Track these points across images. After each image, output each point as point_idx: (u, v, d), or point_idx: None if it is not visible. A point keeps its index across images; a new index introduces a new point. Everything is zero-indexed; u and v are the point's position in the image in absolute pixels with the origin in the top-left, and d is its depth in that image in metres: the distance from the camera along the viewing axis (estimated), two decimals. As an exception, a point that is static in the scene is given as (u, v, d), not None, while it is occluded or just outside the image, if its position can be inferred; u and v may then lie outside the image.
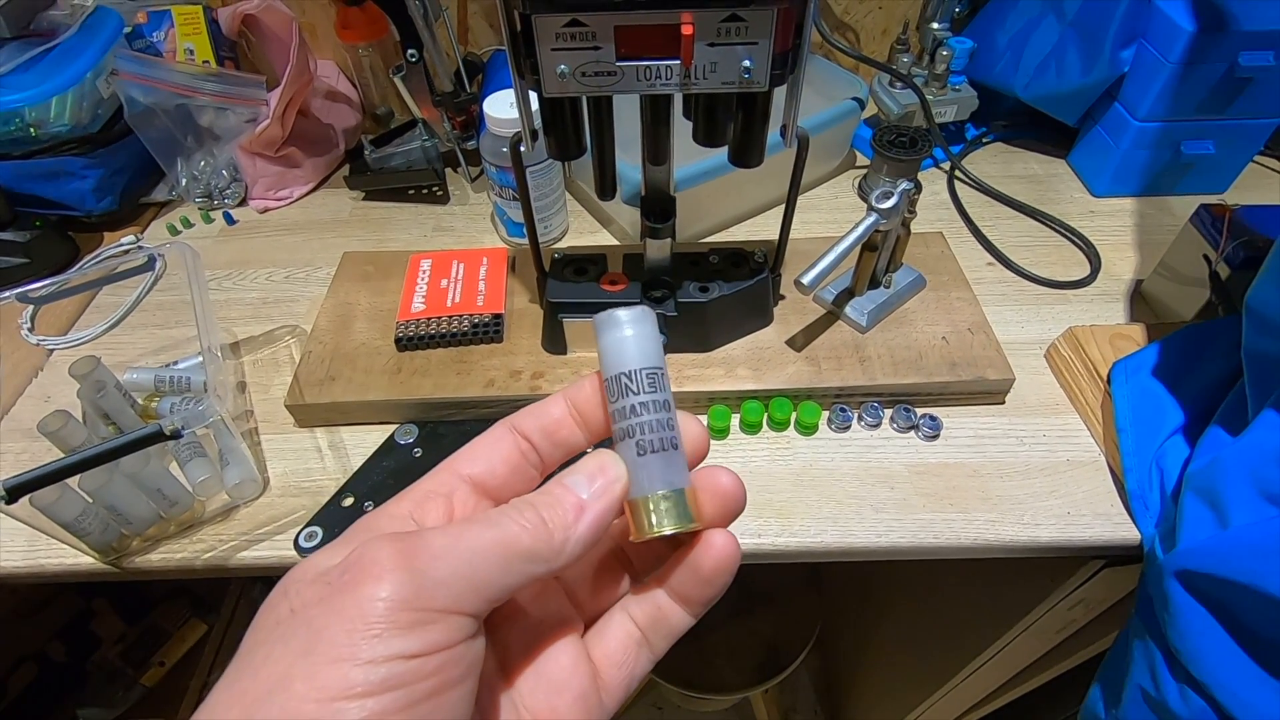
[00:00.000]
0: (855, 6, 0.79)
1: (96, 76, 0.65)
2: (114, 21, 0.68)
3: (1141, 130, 0.65)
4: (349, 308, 0.57)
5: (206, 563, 0.46)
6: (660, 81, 0.38)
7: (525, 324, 0.55)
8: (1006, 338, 0.56)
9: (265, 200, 0.72)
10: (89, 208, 0.68)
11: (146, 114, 0.67)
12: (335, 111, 0.78)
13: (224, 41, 0.73)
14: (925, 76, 0.71)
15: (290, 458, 0.51)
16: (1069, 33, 0.66)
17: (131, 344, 0.59)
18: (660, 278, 0.52)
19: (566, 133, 0.42)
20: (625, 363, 0.21)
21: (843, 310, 0.55)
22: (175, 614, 0.76)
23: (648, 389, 0.20)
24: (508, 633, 0.22)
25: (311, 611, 0.17)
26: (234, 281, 0.65)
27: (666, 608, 0.22)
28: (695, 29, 0.35)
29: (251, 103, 0.67)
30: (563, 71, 0.37)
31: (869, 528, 0.46)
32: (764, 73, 0.37)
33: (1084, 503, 0.47)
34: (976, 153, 0.77)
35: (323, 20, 0.78)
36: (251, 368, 0.57)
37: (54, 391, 0.54)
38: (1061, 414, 0.53)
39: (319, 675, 0.15)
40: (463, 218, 0.71)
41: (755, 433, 0.52)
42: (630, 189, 0.58)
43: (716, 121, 0.41)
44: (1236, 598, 0.38)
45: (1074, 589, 0.55)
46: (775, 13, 0.35)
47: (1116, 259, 0.64)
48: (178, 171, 0.71)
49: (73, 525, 0.42)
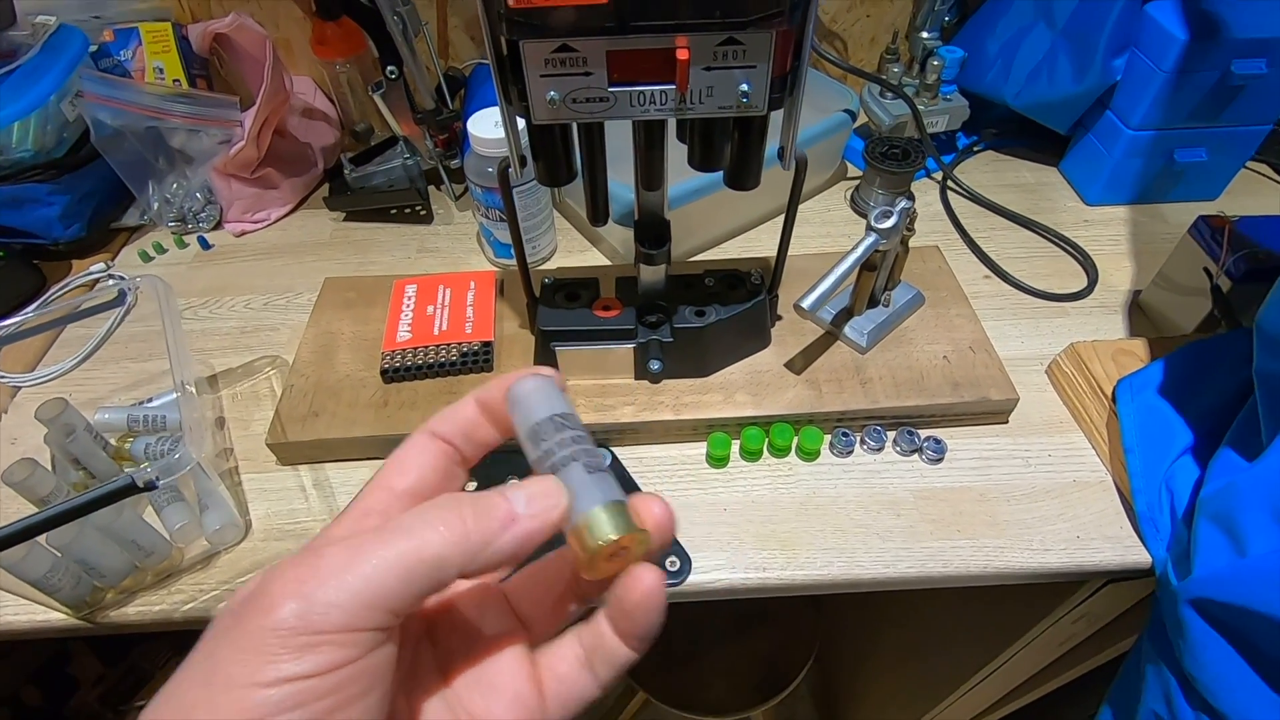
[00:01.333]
0: (843, 15, 0.78)
1: (61, 99, 0.62)
2: (78, 41, 0.65)
3: (1134, 138, 0.64)
4: (332, 337, 0.55)
5: (185, 614, 0.43)
6: (655, 107, 0.36)
7: (516, 350, 0.54)
8: (1007, 354, 0.55)
9: (242, 223, 0.70)
10: (55, 235, 0.65)
11: (115, 137, 0.64)
12: (313, 129, 0.75)
13: (195, 60, 0.70)
14: (916, 86, 0.70)
15: (273, 498, 0.49)
16: (1060, 41, 0.65)
17: (102, 379, 0.57)
18: (655, 302, 0.50)
19: (557, 158, 0.41)
20: (554, 406, 0.23)
21: (842, 330, 0.53)
22: (157, 653, 0.73)
23: (575, 426, 0.23)
24: (450, 638, 0.23)
25: (215, 643, 0.18)
26: (210, 310, 0.63)
27: (608, 638, 0.22)
28: (691, 53, 0.34)
29: (225, 124, 0.65)
30: (553, 98, 0.35)
31: (876, 558, 0.45)
32: (762, 96, 0.36)
33: (1093, 526, 0.46)
34: (968, 162, 0.76)
35: (298, 35, 0.76)
36: (230, 402, 0.55)
37: (20, 434, 0.51)
38: (1066, 432, 0.52)
39: (218, 703, 0.16)
40: (448, 238, 0.69)
41: (756, 460, 0.50)
42: (621, 208, 0.57)
43: (713, 146, 0.40)
44: (1255, 627, 0.37)
45: (1077, 604, 0.54)
46: (774, 35, 0.33)
47: (1112, 269, 0.63)
48: (149, 195, 0.68)
49: (41, 582, 0.39)
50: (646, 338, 0.49)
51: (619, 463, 0.50)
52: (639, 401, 0.50)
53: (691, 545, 0.46)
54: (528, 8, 0.32)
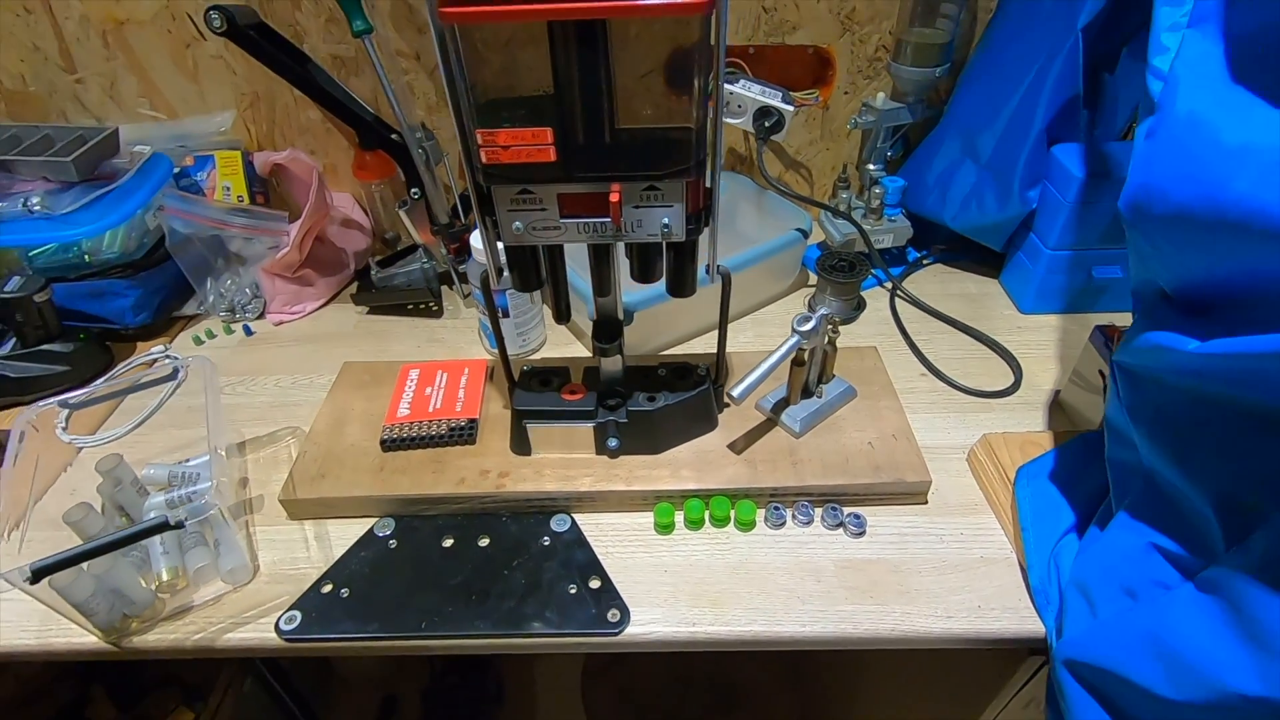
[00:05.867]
0: (806, 148, 0.90)
1: (146, 212, 0.76)
2: (165, 165, 0.80)
3: (1053, 257, 0.73)
4: (345, 412, 0.65)
5: (196, 644, 0.51)
6: (597, 234, 0.46)
7: (498, 428, 0.62)
8: (934, 442, 0.62)
9: (281, 314, 0.82)
10: (127, 322, 0.77)
11: (185, 242, 0.77)
12: (349, 236, 0.88)
13: (256, 179, 0.85)
14: (864, 209, 0.80)
15: (280, 547, 0.57)
16: (984, 174, 0.75)
17: (151, 442, 0.66)
18: (614, 388, 0.59)
19: (527, 269, 0.51)
20: None
21: (779, 417, 0.61)
22: (166, 701, 0.79)
23: None
24: None
25: None
26: (246, 386, 0.73)
27: None
28: (621, 196, 0.44)
29: (274, 233, 0.78)
30: (517, 227, 0.46)
31: (795, 618, 0.51)
32: (680, 228, 0.46)
33: (994, 597, 0.51)
34: (920, 272, 0.85)
35: (343, 161, 0.90)
36: (254, 465, 0.64)
37: (79, 485, 0.60)
38: (979, 514, 0.58)
39: None
40: (453, 330, 0.80)
41: (698, 529, 0.57)
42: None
43: (648, 262, 0.49)
44: (1109, 683, 0.42)
45: (1021, 686, 0.58)
46: (685, 184, 0.44)
47: (1039, 370, 0.71)
48: (207, 290, 0.81)
49: (82, 606, 0.47)
50: (605, 418, 0.58)
51: (576, 527, 0.57)
52: (597, 474, 0.58)
53: (632, 600, 0.52)
54: (497, 163, 0.43)
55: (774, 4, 0.79)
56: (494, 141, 0.42)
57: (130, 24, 0.80)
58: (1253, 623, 0.34)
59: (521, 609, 0.51)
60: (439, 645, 0.51)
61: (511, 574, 0.54)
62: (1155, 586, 0.40)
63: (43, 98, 0.86)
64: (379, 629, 0.51)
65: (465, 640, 0.50)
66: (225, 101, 0.85)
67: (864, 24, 0.81)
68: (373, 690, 1.19)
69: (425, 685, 1.18)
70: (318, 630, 0.51)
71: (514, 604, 0.52)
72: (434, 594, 0.52)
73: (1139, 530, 0.41)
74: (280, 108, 0.86)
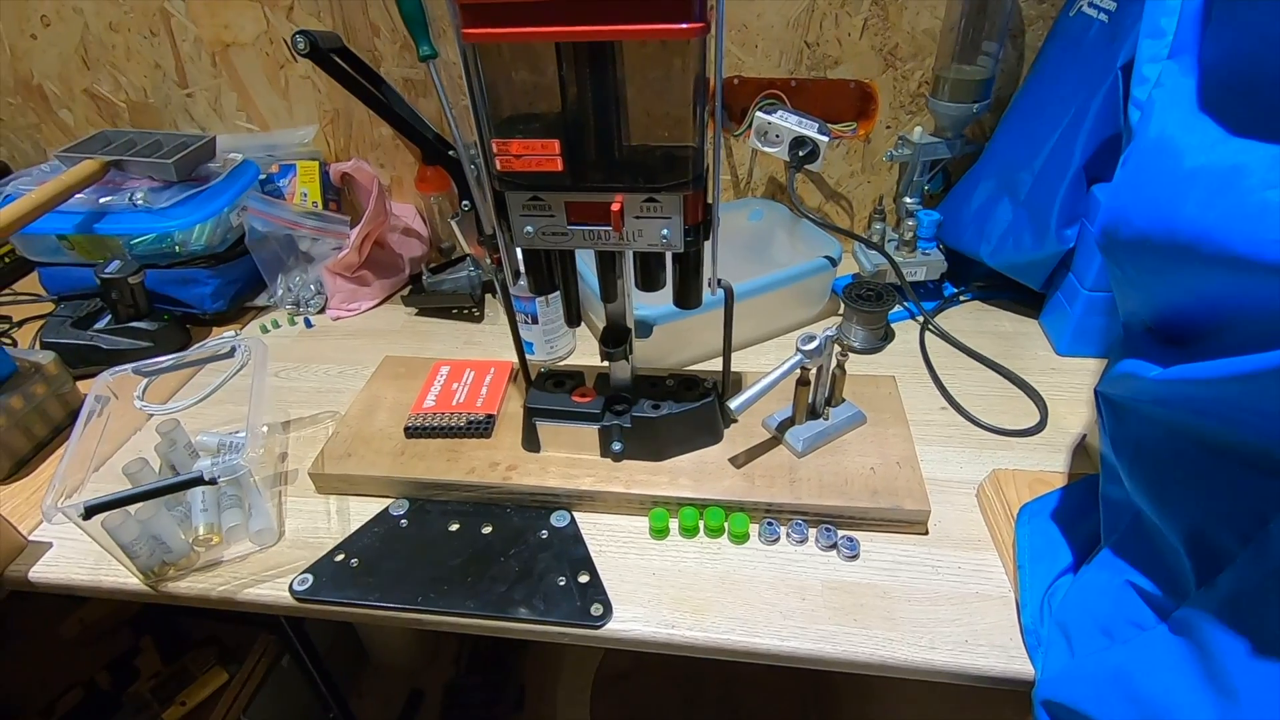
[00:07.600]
0: (847, 180, 0.91)
1: (231, 211, 0.84)
2: (252, 171, 0.89)
3: (1090, 298, 0.71)
4: (378, 400, 0.70)
5: (220, 594, 0.56)
6: (601, 242, 0.49)
7: (514, 425, 0.66)
8: (945, 475, 0.61)
9: (339, 310, 0.89)
10: (205, 308, 0.86)
11: (262, 240, 0.86)
12: (408, 244, 0.95)
13: (330, 187, 0.93)
14: (897, 241, 0.81)
15: (305, 517, 0.62)
16: (1021, 211, 0.74)
17: (211, 415, 0.73)
18: (621, 394, 0.61)
19: (541, 274, 0.54)
20: None
21: (783, 436, 0.62)
22: (204, 659, 0.86)
23: None
24: None
25: None
26: (299, 372, 0.80)
27: None
28: (623, 206, 0.47)
29: (339, 235, 0.85)
30: (529, 231, 0.50)
31: (774, 632, 0.51)
32: (679, 239, 0.48)
33: (984, 633, 0.50)
34: (956, 308, 0.84)
35: (408, 174, 0.98)
36: (294, 442, 0.70)
37: (144, 446, 0.68)
38: (981, 550, 0.56)
39: None
40: (490, 335, 0.85)
41: (692, 537, 0.58)
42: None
43: (650, 272, 0.52)
44: (1081, 727, 0.40)
45: None
46: (683, 198, 0.46)
47: (1067, 413, 0.68)
48: (277, 284, 0.89)
49: (128, 547, 0.53)
50: (610, 422, 0.60)
51: (575, 524, 0.59)
52: (598, 475, 0.60)
53: (617, 598, 0.54)
54: (510, 171, 0.47)
55: (816, 39, 0.81)
56: (507, 150, 0.46)
57: (235, 46, 0.91)
58: (1217, 667, 0.33)
59: (510, 594, 0.54)
60: (430, 620, 0.54)
61: (507, 561, 0.56)
62: (1131, 626, 0.38)
63: (159, 109, 0.97)
64: (379, 599, 0.54)
65: (454, 618, 0.53)
66: (310, 117, 0.94)
67: (906, 60, 0.82)
68: (402, 682, 1.23)
69: (448, 680, 1.22)
70: (325, 594, 0.55)
71: (504, 589, 0.54)
72: (433, 572, 0.56)
73: (1118, 568, 0.40)
74: (356, 124, 0.94)
